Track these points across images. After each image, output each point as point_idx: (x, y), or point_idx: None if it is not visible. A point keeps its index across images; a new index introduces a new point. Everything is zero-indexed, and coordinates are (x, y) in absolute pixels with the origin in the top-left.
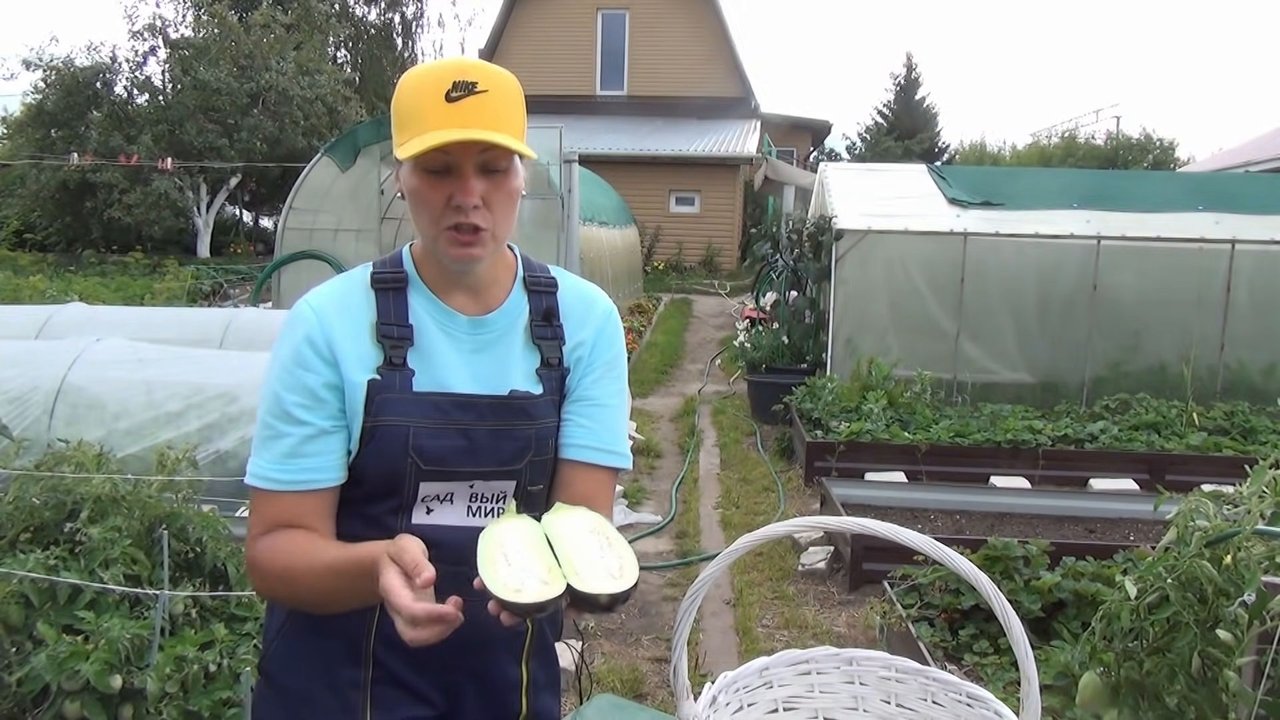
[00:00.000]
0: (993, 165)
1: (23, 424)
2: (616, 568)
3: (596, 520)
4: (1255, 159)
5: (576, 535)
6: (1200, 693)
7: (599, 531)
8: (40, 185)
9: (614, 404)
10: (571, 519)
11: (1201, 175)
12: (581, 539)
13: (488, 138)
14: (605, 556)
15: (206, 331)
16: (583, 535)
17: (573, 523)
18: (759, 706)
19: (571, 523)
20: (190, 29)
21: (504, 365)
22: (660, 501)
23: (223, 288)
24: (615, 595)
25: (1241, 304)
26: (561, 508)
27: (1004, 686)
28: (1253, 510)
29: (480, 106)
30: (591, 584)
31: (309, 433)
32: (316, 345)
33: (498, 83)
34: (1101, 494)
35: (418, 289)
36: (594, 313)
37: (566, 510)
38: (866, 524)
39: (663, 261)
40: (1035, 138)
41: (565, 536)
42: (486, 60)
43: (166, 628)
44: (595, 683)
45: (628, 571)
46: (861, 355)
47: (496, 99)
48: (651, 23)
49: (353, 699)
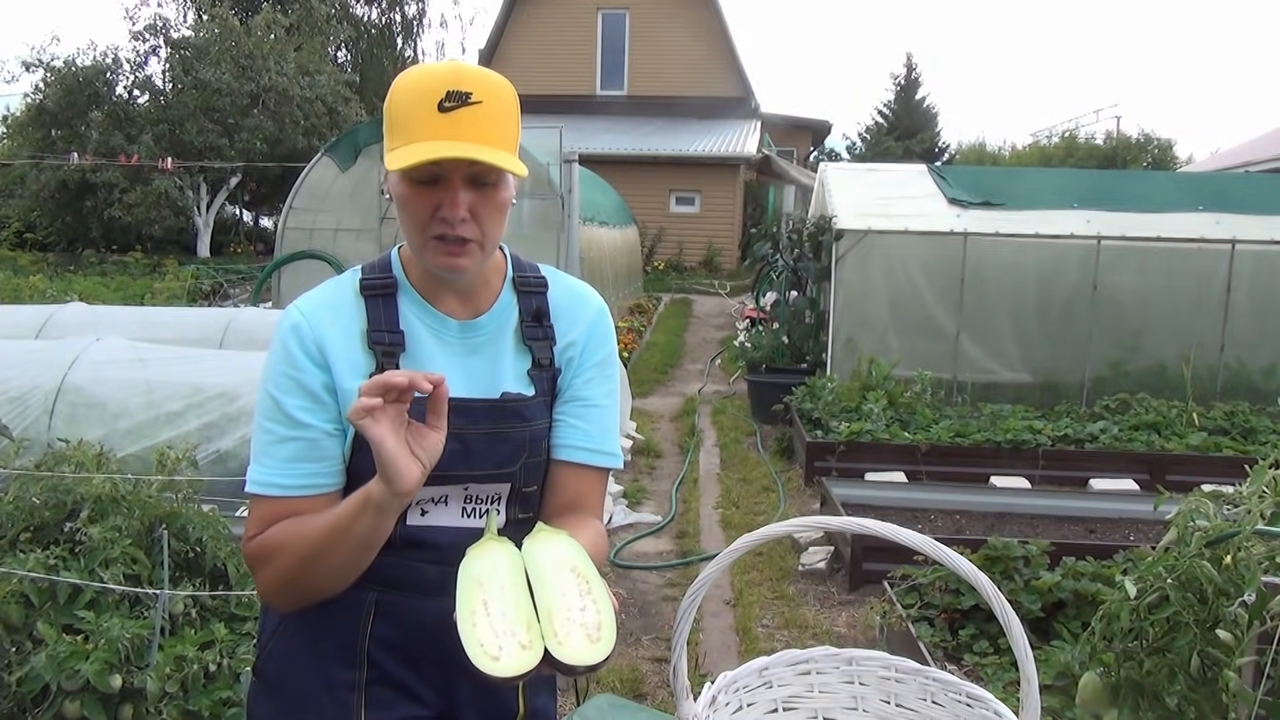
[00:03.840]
0: (993, 165)
1: (23, 424)
2: (595, 625)
3: (577, 555)
4: (1255, 159)
5: (557, 575)
6: (1200, 693)
7: (579, 571)
8: (40, 185)
9: (606, 404)
10: (553, 551)
11: (1201, 175)
12: (561, 581)
13: (477, 155)
14: (585, 609)
15: (206, 331)
16: (562, 575)
17: (554, 556)
18: (759, 706)
19: (553, 556)
20: (191, 30)
21: (495, 367)
22: (660, 501)
23: (223, 287)
24: (592, 666)
25: (1241, 304)
26: (543, 531)
27: (1004, 686)
28: (1253, 510)
29: (473, 119)
30: (570, 652)
31: (312, 436)
32: (309, 349)
33: (492, 93)
34: (1101, 494)
35: (407, 294)
36: (585, 312)
37: (548, 537)
38: (866, 524)
39: (663, 261)
40: (1035, 138)
41: (546, 576)
42: (487, 60)
43: (166, 627)
44: (595, 682)
45: (605, 634)
46: (861, 355)
47: (490, 111)
48: (651, 23)
49: (348, 699)
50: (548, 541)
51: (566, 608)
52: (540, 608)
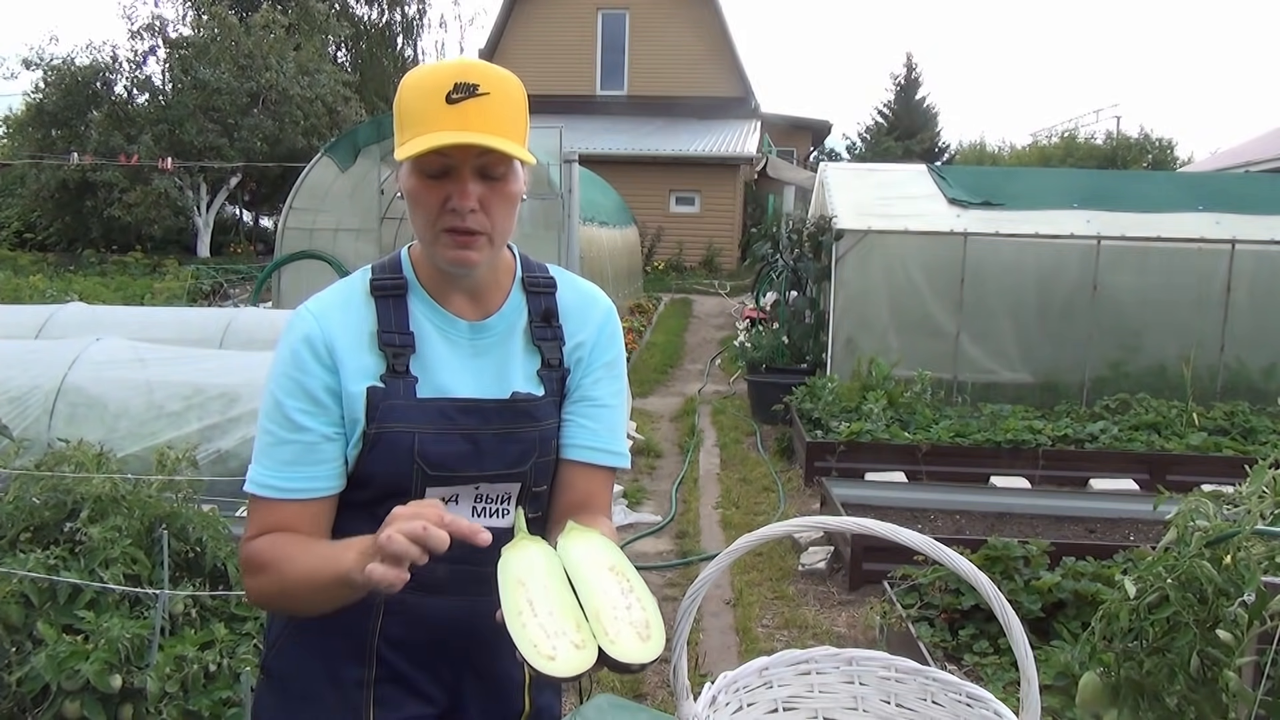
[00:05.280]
0: (992, 165)
1: (23, 424)
2: (643, 624)
3: (613, 554)
4: (1255, 159)
5: (596, 574)
6: (1200, 693)
7: (618, 570)
8: (40, 185)
9: (614, 404)
10: (589, 549)
11: (1201, 175)
12: (602, 580)
13: (485, 141)
14: (631, 607)
15: (206, 331)
16: (602, 574)
17: (591, 555)
18: (759, 706)
19: (589, 555)
20: (190, 29)
21: (505, 368)
22: (660, 501)
23: (223, 287)
24: (645, 664)
25: (1241, 304)
26: (575, 530)
27: (1004, 686)
28: (1253, 510)
29: (481, 109)
30: (625, 651)
31: (311, 440)
32: (317, 350)
33: (500, 85)
34: (1101, 494)
35: (417, 294)
36: (594, 312)
37: (581, 535)
38: (866, 524)
39: (663, 261)
40: (1035, 138)
41: (586, 575)
42: (487, 60)
43: (166, 627)
44: (595, 682)
45: (655, 632)
46: (862, 355)
47: (498, 102)
48: (651, 23)
49: (356, 697)
50: (582, 540)
51: (612, 606)
52: (587, 607)
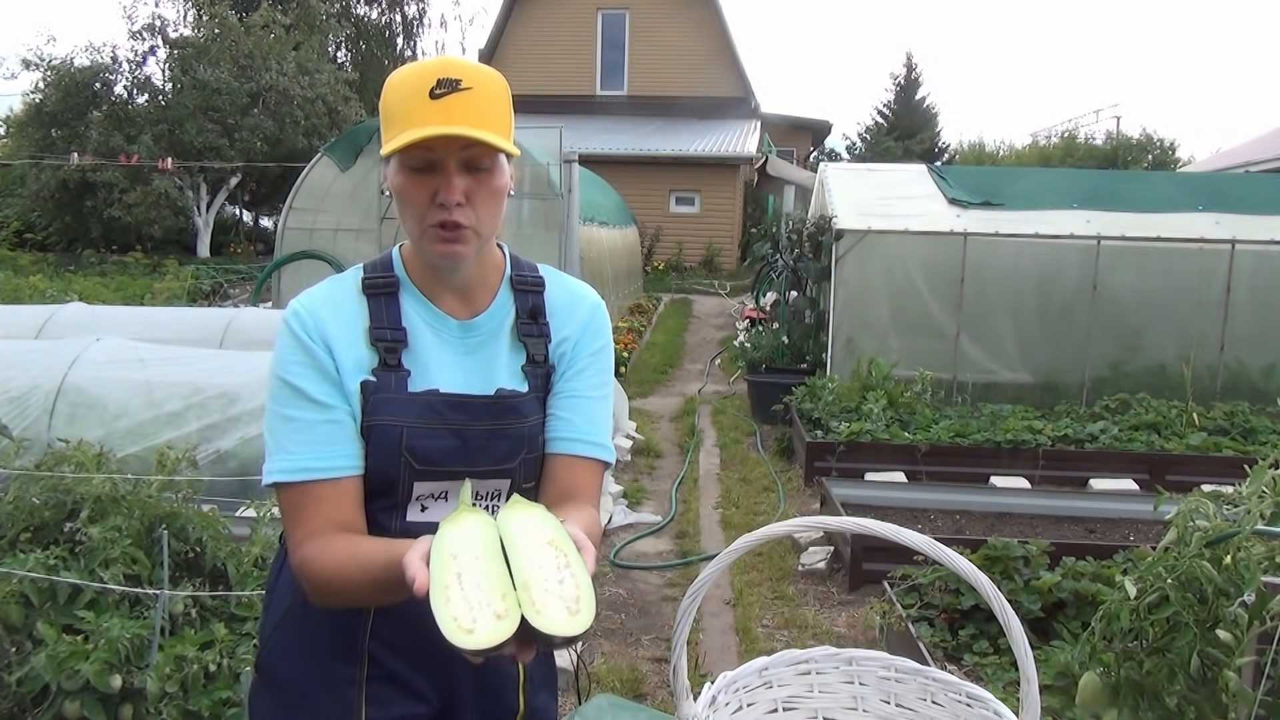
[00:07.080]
0: (992, 165)
1: (23, 424)
2: (574, 598)
3: (553, 528)
4: (1255, 159)
5: (533, 546)
6: (1200, 693)
7: (556, 545)
8: (40, 185)
9: (594, 396)
10: (528, 522)
11: (1201, 175)
12: (538, 553)
13: (467, 133)
14: (564, 581)
15: (206, 331)
16: (539, 548)
17: (529, 528)
18: (759, 706)
19: (528, 528)
20: (190, 29)
21: (492, 365)
22: (660, 501)
23: (223, 287)
24: (570, 638)
25: (1241, 304)
26: (519, 504)
27: (1004, 686)
28: (1253, 510)
29: (464, 103)
30: (550, 623)
31: (337, 416)
32: (314, 339)
33: (482, 80)
34: (1101, 494)
35: (409, 292)
36: (580, 308)
37: (524, 508)
38: (866, 524)
39: (663, 261)
40: (1035, 138)
41: (521, 544)
42: (487, 60)
43: (166, 627)
44: (595, 682)
45: (585, 607)
46: (861, 355)
47: (480, 96)
48: (651, 23)
49: (349, 696)
50: (524, 513)
51: (544, 579)
52: (517, 579)
